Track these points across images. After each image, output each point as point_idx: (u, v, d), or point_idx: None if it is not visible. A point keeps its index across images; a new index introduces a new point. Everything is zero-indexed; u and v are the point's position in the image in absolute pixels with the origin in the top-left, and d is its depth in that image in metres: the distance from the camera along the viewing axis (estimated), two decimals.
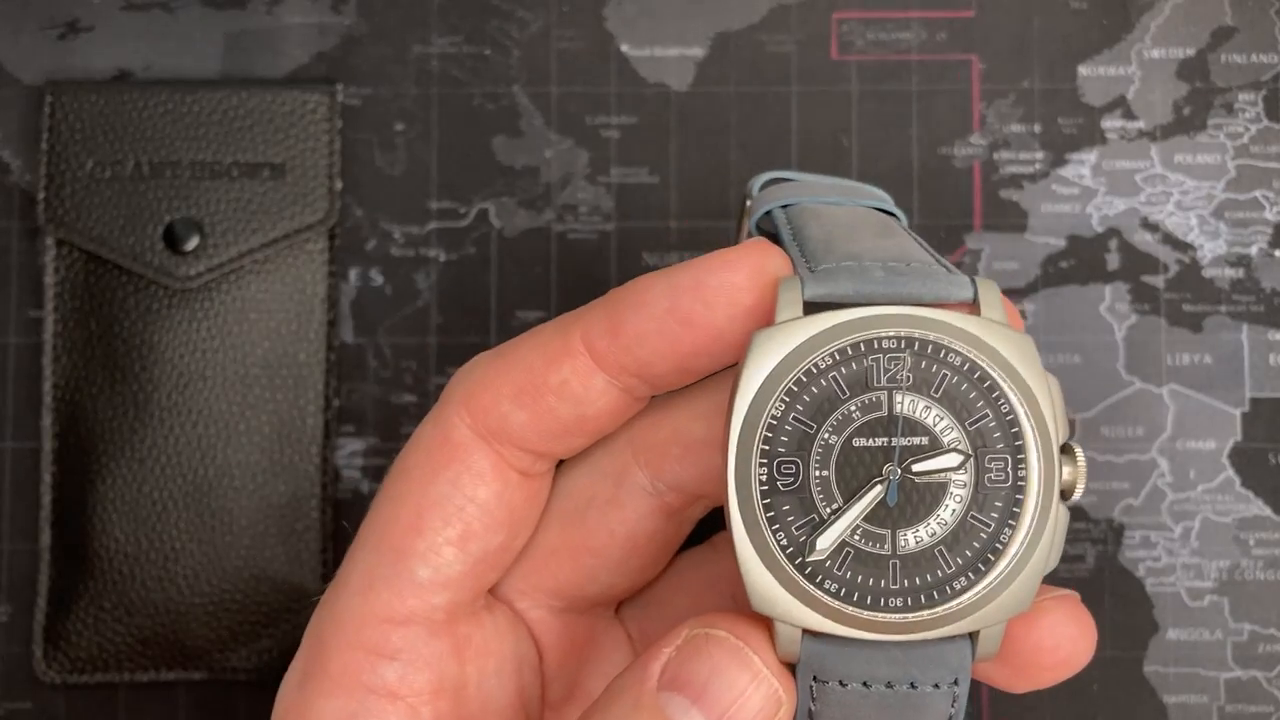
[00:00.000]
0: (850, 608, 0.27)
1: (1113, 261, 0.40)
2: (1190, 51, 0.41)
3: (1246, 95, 0.40)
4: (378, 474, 0.40)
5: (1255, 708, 0.39)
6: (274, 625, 0.39)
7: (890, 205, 0.33)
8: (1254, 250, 0.40)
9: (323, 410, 0.40)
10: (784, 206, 0.32)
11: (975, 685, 0.39)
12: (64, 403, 0.39)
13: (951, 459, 0.27)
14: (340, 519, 0.40)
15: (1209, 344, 0.40)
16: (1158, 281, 0.40)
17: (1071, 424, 0.40)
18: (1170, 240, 0.40)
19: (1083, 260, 0.40)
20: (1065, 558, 0.39)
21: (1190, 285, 0.40)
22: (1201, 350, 0.40)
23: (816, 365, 0.27)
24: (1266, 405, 0.40)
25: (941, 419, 0.27)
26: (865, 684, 0.27)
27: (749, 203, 0.33)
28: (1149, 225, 0.40)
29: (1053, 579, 0.39)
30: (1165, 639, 0.39)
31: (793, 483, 0.27)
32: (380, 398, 0.40)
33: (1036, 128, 0.41)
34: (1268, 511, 0.39)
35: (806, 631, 0.27)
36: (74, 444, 0.39)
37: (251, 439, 0.39)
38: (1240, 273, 0.40)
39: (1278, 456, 0.40)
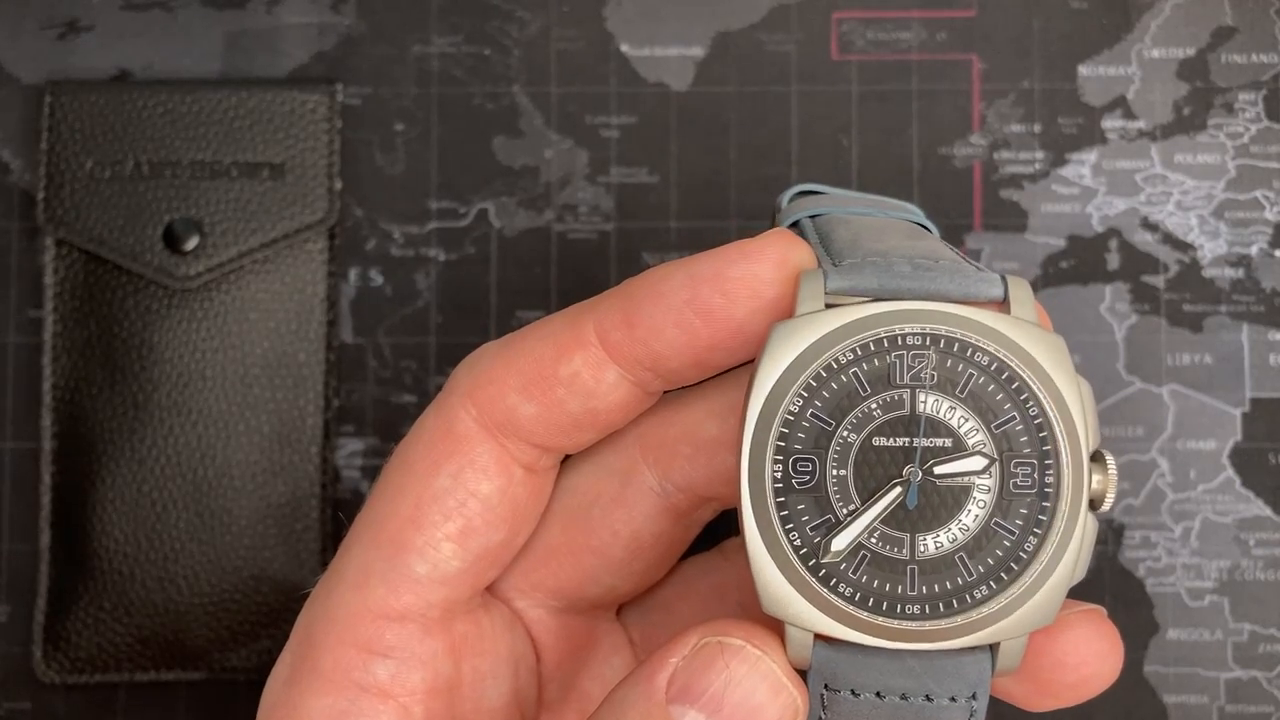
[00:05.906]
0: (865, 613, 0.26)
1: (1113, 261, 0.40)
2: (1190, 51, 0.41)
3: (1246, 95, 0.40)
4: (377, 474, 0.40)
5: (1255, 708, 0.39)
6: (274, 625, 0.39)
7: (923, 218, 0.32)
8: (1254, 250, 0.40)
9: (322, 410, 0.40)
10: (812, 216, 0.31)
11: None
12: (64, 403, 0.39)
13: (975, 462, 0.26)
14: (340, 518, 0.40)
15: (1209, 344, 0.40)
16: (1158, 281, 0.40)
17: None
18: (1170, 240, 0.40)
19: (1083, 260, 0.40)
20: None
21: (1190, 285, 0.40)
22: (1201, 350, 0.40)
23: (837, 360, 0.26)
24: (1266, 405, 0.40)
25: (966, 420, 0.26)
26: (879, 694, 0.26)
27: (777, 216, 0.33)
28: (1149, 225, 0.40)
29: None
30: (1165, 639, 0.39)
31: (809, 481, 0.26)
32: (380, 398, 0.40)
33: (1036, 128, 0.41)
34: (1268, 511, 0.39)
35: (819, 637, 0.26)
36: (74, 444, 0.39)
37: (251, 439, 0.39)
38: (1240, 273, 0.40)
39: (1278, 456, 0.40)
